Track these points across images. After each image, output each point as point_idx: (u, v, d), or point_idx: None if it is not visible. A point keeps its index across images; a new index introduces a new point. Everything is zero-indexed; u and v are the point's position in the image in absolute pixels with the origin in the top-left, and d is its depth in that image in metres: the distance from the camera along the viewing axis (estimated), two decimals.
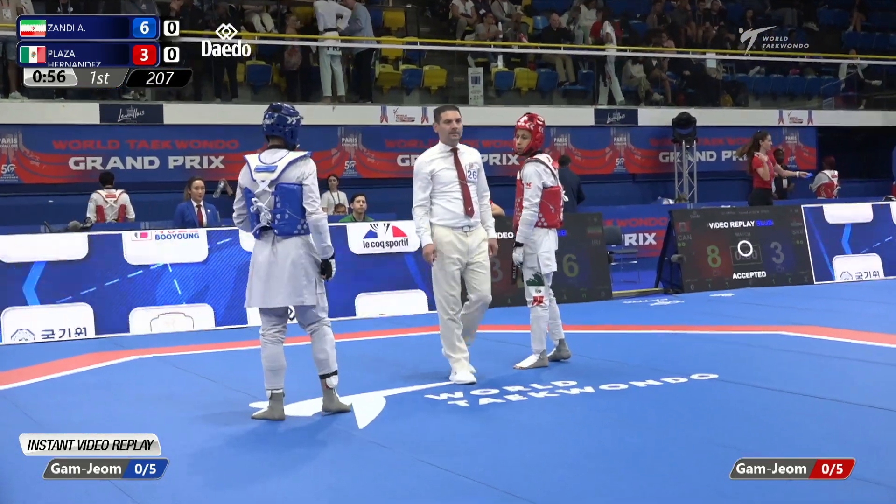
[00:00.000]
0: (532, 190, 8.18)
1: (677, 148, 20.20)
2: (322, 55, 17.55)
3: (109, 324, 10.67)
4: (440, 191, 7.78)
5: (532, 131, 8.27)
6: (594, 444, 6.01)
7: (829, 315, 11.03)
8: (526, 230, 8.21)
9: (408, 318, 11.49)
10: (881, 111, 22.67)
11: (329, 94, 17.40)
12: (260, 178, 6.61)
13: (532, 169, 8.24)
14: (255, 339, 10.01)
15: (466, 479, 5.26)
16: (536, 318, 8.28)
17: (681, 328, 10.40)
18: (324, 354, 6.69)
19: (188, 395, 7.68)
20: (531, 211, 8.18)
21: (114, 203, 14.50)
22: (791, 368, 8.15)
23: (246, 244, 10.88)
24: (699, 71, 21.71)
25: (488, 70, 19.44)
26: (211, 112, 16.94)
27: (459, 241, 7.75)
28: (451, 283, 7.74)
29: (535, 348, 8.34)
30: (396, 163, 18.15)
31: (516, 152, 8.49)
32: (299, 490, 5.26)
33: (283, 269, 6.57)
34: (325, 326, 6.72)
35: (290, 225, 6.57)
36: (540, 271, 8.24)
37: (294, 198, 6.56)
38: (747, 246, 13.82)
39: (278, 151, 6.68)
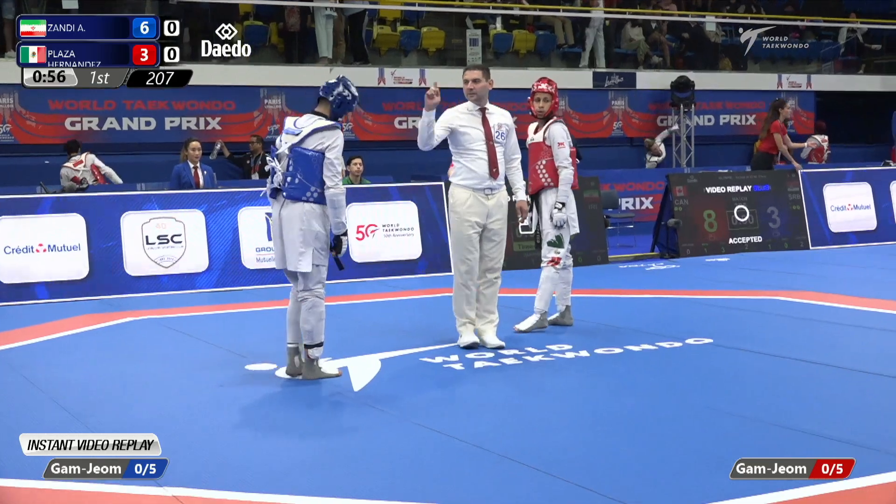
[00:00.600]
0: (566, 149, 8.19)
1: (675, 112, 20.15)
2: (317, 16, 17.43)
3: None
4: (464, 150, 7.65)
5: (553, 94, 8.29)
6: (589, 407, 6.04)
7: (823, 280, 11.06)
8: (567, 189, 8.18)
9: (404, 280, 11.51)
10: (880, 76, 22.57)
11: (327, 55, 17.30)
12: (285, 139, 6.70)
13: (560, 128, 8.26)
14: (253, 302, 10.12)
15: (461, 441, 5.29)
16: (547, 279, 8.30)
17: (676, 293, 10.42)
18: (308, 325, 6.68)
19: (184, 356, 7.70)
20: (570, 170, 8.18)
21: (83, 168, 14.27)
22: (785, 333, 8.17)
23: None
24: (698, 34, 21.60)
25: (487, 32, 19.33)
26: (208, 73, 16.83)
27: (480, 203, 7.61)
28: (468, 247, 7.63)
29: (537, 307, 8.34)
30: (394, 125, 18.09)
31: (536, 116, 8.42)
32: (293, 451, 5.28)
33: (286, 233, 6.63)
34: (316, 298, 6.68)
35: (299, 190, 6.58)
36: (561, 233, 8.23)
37: (308, 164, 6.56)
38: (744, 211, 13.81)
39: (312, 117, 6.72)
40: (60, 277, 10.55)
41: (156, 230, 10.98)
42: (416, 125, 18.15)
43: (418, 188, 12.36)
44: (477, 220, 7.61)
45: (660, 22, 21.23)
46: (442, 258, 11.93)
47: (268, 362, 7.25)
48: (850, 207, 14.58)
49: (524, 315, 8.43)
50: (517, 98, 18.30)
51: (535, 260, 12.45)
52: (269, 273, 10.94)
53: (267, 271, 10.98)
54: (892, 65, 23.01)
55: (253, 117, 16.93)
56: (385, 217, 11.99)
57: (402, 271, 11.84)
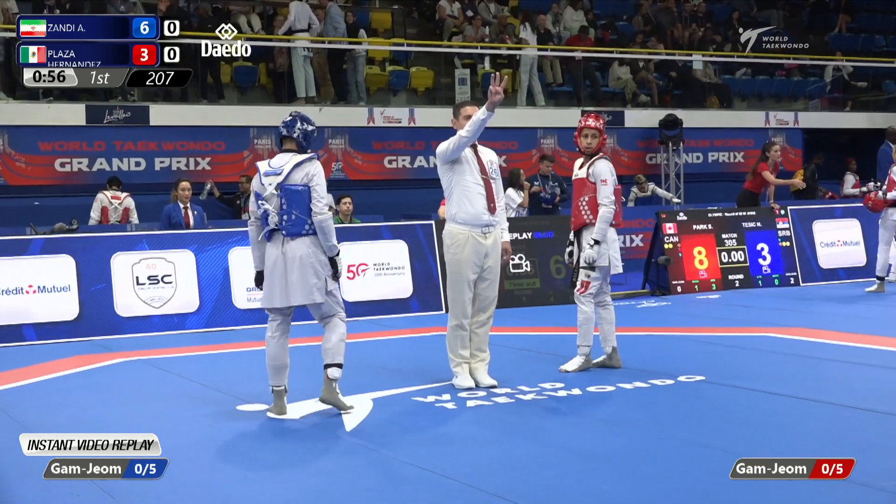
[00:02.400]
0: (609, 186, 8.04)
1: (664, 149, 20.24)
2: (295, 56, 17.49)
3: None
4: (463, 184, 7.53)
5: (601, 130, 8.17)
6: (581, 445, 6.02)
7: (815, 317, 11.06)
8: (604, 227, 8.02)
9: (395, 319, 11.49)
10: (866, 113, 22.76)
11: (303, 96, 17.35)
12: (268, 181, 6.74)
13: (606, 165, 8.12)
14: (244, 342, 10.07)
15: (453, 480, 5.27)
16: (587, 320, 8.11)
17: (668, 330, 10.42)
18: (329, 344, 6.80)
19: (173, 397, 7.66)
20: (610, 208, 8.02)
21: (118, 205, 14.47)
22: (777, 370, 8.16)
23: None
24: (686, 72, 21.76)
25: (475, 71, 19.45)
26: (197, 113, 16.90)
27: (478, 243, 7.53)
28: (465, 289, 7.55)
29: (581, 350, 8.16)
30: (383, 164, 18.14)
31: (583, 151, 8.25)
32: (285, 492, 5.25)
33: (293, 270, 6.68)
34: (338, 319, 6.85)
35: (297, 226, 6.67)
36: (598, 265, 8.05)
37: (300, 199, 6.66)
38: (734, 248, 13.85)
39: (286, 155, 6.80)
40: (51, 319, 10.51)
41: (146, 270, 10.97)
42: (405, 164, 18.42)
43: (409, 227, 12.36)
44: (475, 261, 7.54)
45: (647, 60, 21.38)
46: (433, 296, 11.93)
47: (259, 402, 7.21)
48: (839, 244, 14.65)
49: (516, 354, 8.41)
50: (507, 137, 18.47)
51: (527, 298, 12.50)
52: (259, 313, 10.87)
53: (258, 311, 10.92)
54: (877, 102, 23.21)
55: (243, 157, 16.98)
56: (376, 256, 11.98)
57: (394, 310, 11.83)
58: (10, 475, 5.34)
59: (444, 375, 7.81)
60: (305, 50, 17.50)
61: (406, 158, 18.28)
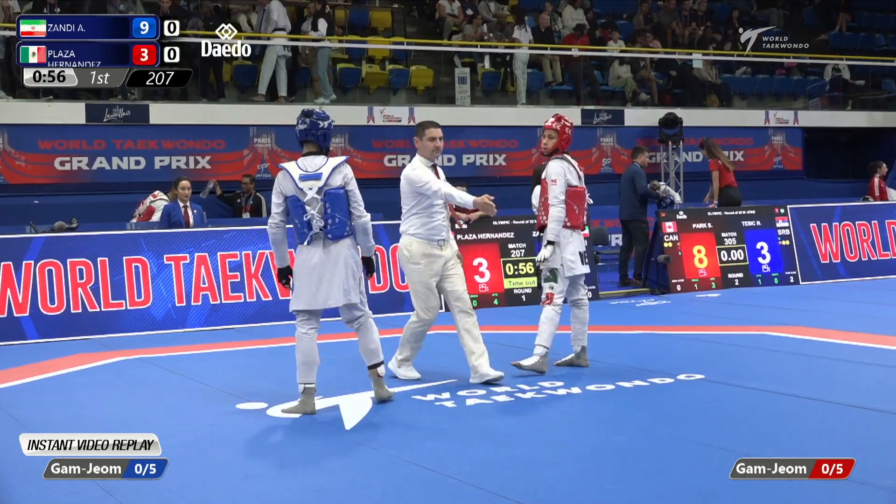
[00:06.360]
0: (558, 186, 7.99)
1: (664, 148, 20.24)
2: (268, 54, 17.37)
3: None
4: (427, 204, 7.76)
5: (559, 131, 8.15)
6: (581, 444, 6.02)
7: (814, 315, 11.07)
8: (556, 227, 7.97)
9: (395, 318, 11.48)
10: (866, 111, 22.76)
11: (263, 94, 17.27)
12: (307, 186, 6.78)
13: (557, 165, 8.08)
14: (244, 340, 10.07)
15: (453, 479, 5.27)
16: (548, 320, 8.07)
17: (667, 328, 10.42)
18: (374, 344, 7.01)
19: (175, 395, 7.66)
20: (559, 208, 7.98)
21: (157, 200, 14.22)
22: (777, 368, 8.18)
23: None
24: (686, 71, 21.75)
25: (475, 70, 19.45)
26: (197, 112, 16.89)
27: (437, 255, 7.77)
28: (429, 294, 7.81)
29: (537, 349, 8.07)
30: (383, 163, 18.14)
31: (542, 152, 8.37)
32: (285, 490, 5.25)
33: (335, 271, 6.78)
34: (370, 319, 7.03)
35: (340, 228, 6.82)
36: (556, 269, 8.03)
37: (341, 202, 6.83)
38: (733, 246, 13.86)
39: (316, 158, 6.86)
40: (51, 316, 10.51)
41: (146, 269, 10.95)
42: (405, 163, 18.26)
43: None
44: (437, 268, 7.77)
45: (647, 59, 21.37)
46: None
47: (259, 401, 7.21)
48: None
49: (516, 353, 8.41)
50: (507, 136, 18.48)
51: (527, 297, 12.50)
52: (264, 311, 10.92)
53: (262, 310, 10.95)
54: (877, 101, 23.21)
55: (243, 156, 16.97)
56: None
57: (394, 308, 11.82)
58: (10, 475, 5.34)
59: (444, 374, 7.82)
60: (284, 49, 17.44)
61: (406, 157, 18.23)
